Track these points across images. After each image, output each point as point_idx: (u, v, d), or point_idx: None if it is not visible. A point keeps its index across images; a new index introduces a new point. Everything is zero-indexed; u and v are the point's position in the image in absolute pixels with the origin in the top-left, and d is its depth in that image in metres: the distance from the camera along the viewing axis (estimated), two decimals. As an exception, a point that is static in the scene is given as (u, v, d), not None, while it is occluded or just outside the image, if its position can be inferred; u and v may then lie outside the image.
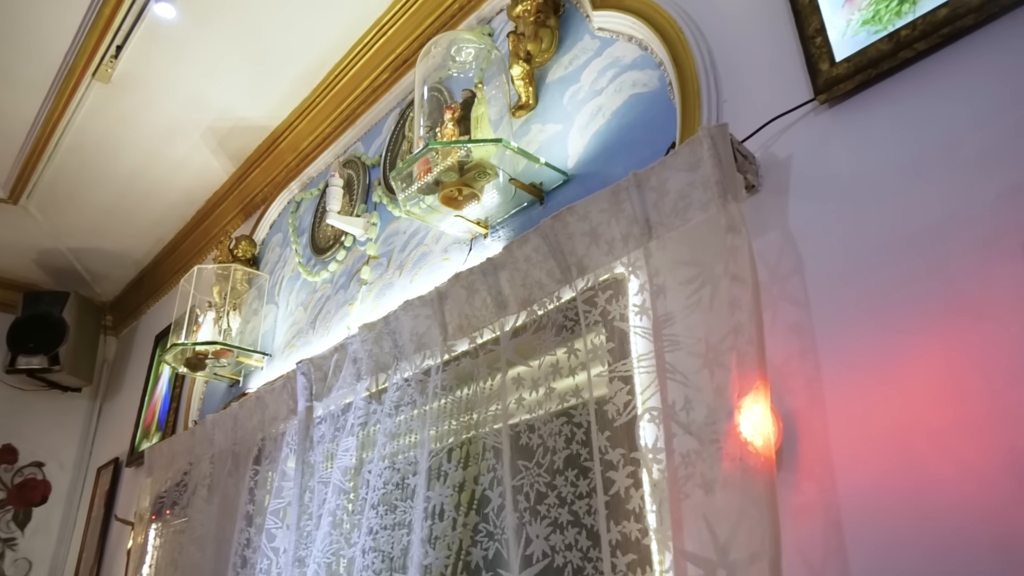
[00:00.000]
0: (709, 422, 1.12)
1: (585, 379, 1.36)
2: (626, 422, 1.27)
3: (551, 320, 1.48)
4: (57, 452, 4.55)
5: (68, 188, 3.57)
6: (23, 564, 4.27)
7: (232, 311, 2.94)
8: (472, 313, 1.65)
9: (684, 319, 1.22)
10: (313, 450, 2.03)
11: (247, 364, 2.86)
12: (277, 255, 3.09)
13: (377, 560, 1.64)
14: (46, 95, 2.93)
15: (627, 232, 1.36)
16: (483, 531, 1.49)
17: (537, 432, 1.44)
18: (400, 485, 1.71)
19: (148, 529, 3.02)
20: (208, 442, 2.68)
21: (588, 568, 1.30)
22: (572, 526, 1.34)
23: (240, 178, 3.38)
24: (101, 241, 4.10)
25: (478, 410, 1.61)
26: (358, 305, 2.37)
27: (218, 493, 2.51)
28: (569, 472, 1.37)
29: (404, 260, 2.23)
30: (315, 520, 1.90)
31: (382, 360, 1.88)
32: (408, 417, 1.76)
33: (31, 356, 4.19)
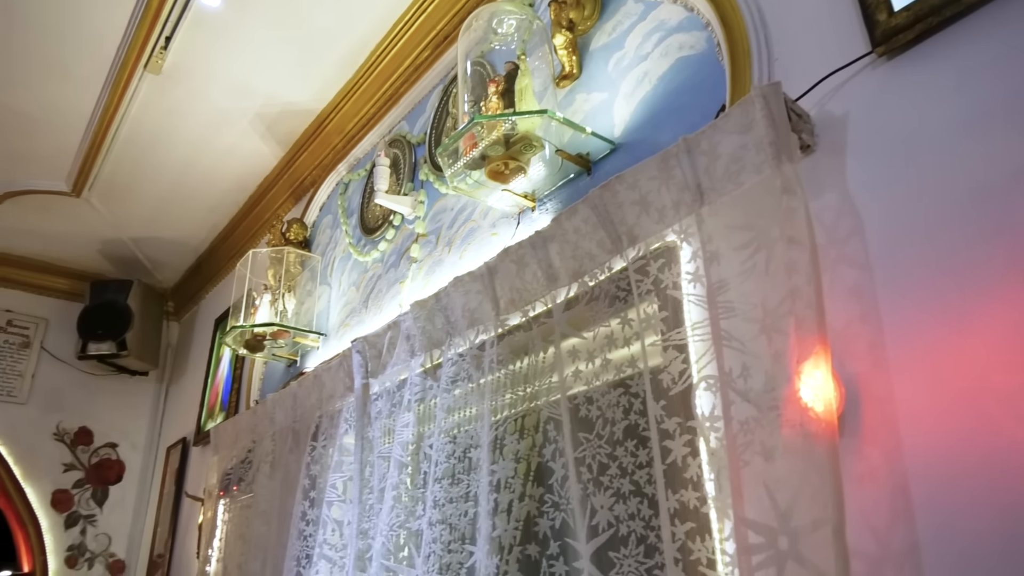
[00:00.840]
0: (768, 389, 1.10)
1: (640, 349, 1.35)
2: (682, 391, 1.26)
3: (603, 291, 1.47)
4: (129, 433, 4.75)
5: (126, 179, 3.68)
6: (103, 539, 4.49)
7: (287, 293, 3.00)
8: (523, 287, 1.65)
9: (739, 285, 1.20)
10: (371, 426, 2.07)
11: (303, 344, 2.92)
12: (328, 236, 3.14)
13: (445, 532, 1.67)
14: (101, 89, 3.02)
15: (678, 199, 1.34)
16: (548, 502, 1.51)
17: (595, 404, 1.44)
18: (462, 458, 1.74)
19: (217, 505, 3.13)
20: (269, 420, 2.76)
21: (651, 537, 1.30)
22: (634, 496, 1.34)
23: (289, 162, 3.43)
24: (160, 230, 4.22)
25: (535, 382, 1.61)
26: (409, 283, 2.40)
27: (280, 469, 2.59)
28: (629, 442, 1.37)
29: (453, 237, 2.24)
30: (377, 494, 1.95)
31: (435, 336, 1.90)
32: (465, 391, 1.78)
33: (100, 342, 4.37)
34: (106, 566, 4.46)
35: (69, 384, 4.61)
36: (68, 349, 4.57)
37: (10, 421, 4.37)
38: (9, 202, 3.89)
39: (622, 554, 1.33)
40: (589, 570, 1.35)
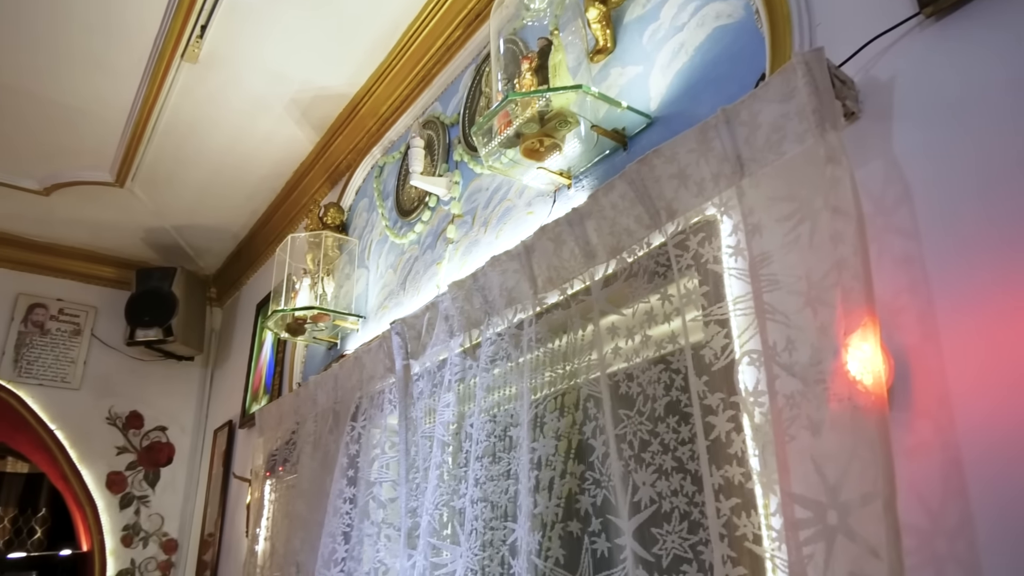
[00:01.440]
0: (814, 362, 1.08)
1: (680, 325, 1.34)
2: (724, 366, 1.25)
3: (642, 267, 1.46)
4: (177, 416, 4.88)
5: (167, 168, 3.75)
6: (156, 519, 4.64)
7: (326, 277, 3.04)
8: (561, 264, 1.64)
9: (782, 257, 1.18)
10: (414, 406, 2.09)
11: (343, 327, 2.96)
12: (364, 220, 3.16)
13: (486, 509, 1.69)
14: (140, 79, 3.07)
15: (717, 171, 1.32)
16: (589, 479, 1.51)
17: (636, 380, 1.43)
18: (502, 437, 1.74)
19: (264, 485, 3.21)
20: (312, 402, 2.81)
21: (695, 513, 1.30)
22: (677, 472, 1.34)
23: (324, 147, 3.46)
24: (200, 217, 4.30)
25: (574, 360, 1.61)
26: (446, 264, 2.41)
27: (320, 449, 2.63)
28: (670, 419, 1.36)
29: (488, 217, 2.24)
30: (422, 473, 1.97)
31: (473, 316, 1.91)
32: (504, 370, 1.78)
33: (147, 329, 4.48)
34: (160, 545, 4.61)
35: (119, 370, 4.75)
36: (117, 336, 4.70)
37: (65, 406, 4.52)
38: (57, 194, 3.99)
39: (665, 530, 1.33)
40: (632, 546, 1.35)
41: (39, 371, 4.50)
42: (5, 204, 4.12)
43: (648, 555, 1.33)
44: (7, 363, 4.42)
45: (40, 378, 4.49)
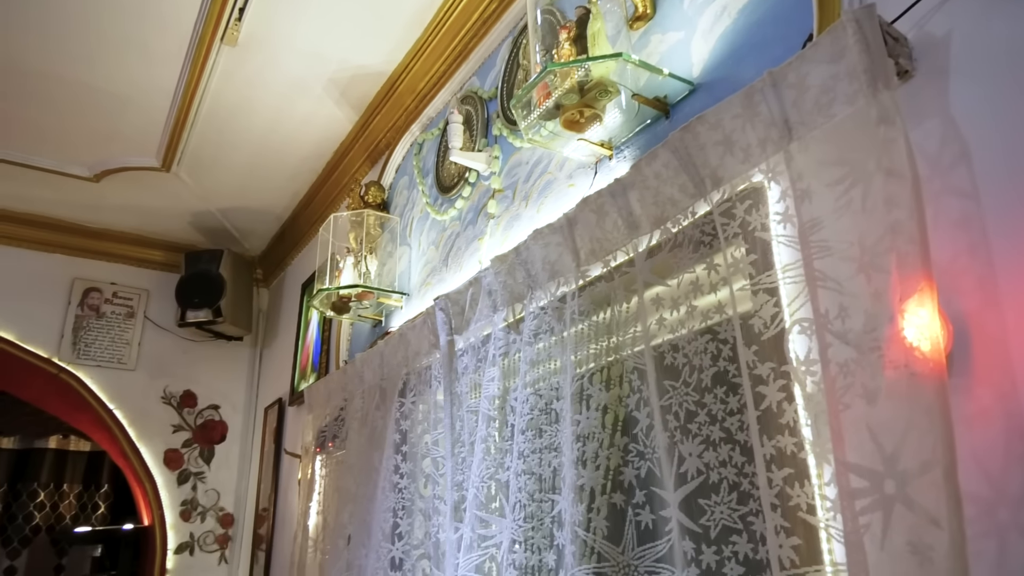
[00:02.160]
0: (868, 329, 1.06)
1: (727, 294, 1.32)
2: (774, 335, 1.23)
3: (687, 236, 1.44)
4: (229, 395, 5.01)
5: (211, 152, 3.81)
6: (213, 494, 4.79)
7: (368, 255, 3.07)
8: (603, 236, 1.63)
9: (834, 223, 1.15)
10: (459, 381, 2.11)
11: (387, 304, 2.99)
12: (405, 198, 3.17)
13: (530, 482, 1.70)
14: (182, 64, 3.11)
15: (764, 136, 1.28)
16: (633, 451, 1.51)
17: (681, 351, 1.42)
18: (545, 410, 1.75)
19: (314, 460, 3.28)
20: (359, 379, 2.86)
21: (744, 484, 1.29)
22: (725, 443, 1.33)
23: (363, 126, 3.47)
24: (244, 199, 4.37)
25: (618, 333, 1.60)
26: (487, 239, 2.41)
27: (367, 425, 2.68)
28: (718, 389, 1.35)
29: (529, 190, 2.23)
30: (468, 447, 1.99)
31: (516, 290, 1.91)
32: (547, 344, 1.78)
33: (197, 310, 4.59)
34: (217, 519, 4.76)
35: (172, 350, 4.89)
36: (169, 317, 4.83)
37: (122, 387, 4.68)
38: (106, 180, 4.09)
39: (713, 501, 1.32)
40: (678, 517, 1.34)
41: (96, 353, 4.65)
42: (58, 192, 4.25)
43: (695, 526, 1.33)
44: (66, 346, 4.58)
45: (98, 360, 4.65)
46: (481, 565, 1.85)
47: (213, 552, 4.71)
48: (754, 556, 1.25)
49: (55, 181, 4.12)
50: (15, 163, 3.93)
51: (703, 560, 1.31)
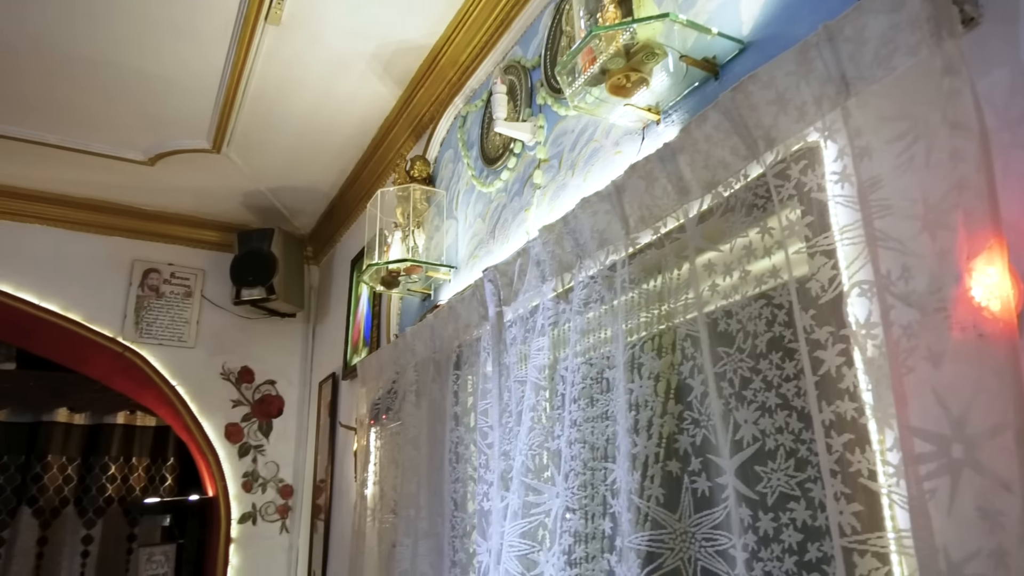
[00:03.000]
0: (933, 290, 1.02)
1: (783, 258, 1.29)
2: (832, 299, 1.20)
3: (739, 200, 1.40)
4: (284, 370, 5.14)
5: (259, 133, 3.87)
6: (272, 466, 4.94)
7: (416, 229, 3.09)
8: (653, 203, 1.60)
9: (895, 180, 1.11)
10: (507, 352, 2.12)
11: (435, 278, 3.01)
12: (450, 171, 3.17)
13: (584, 450, 1.71)
14: (228, 46, 3.15)
15: (820, 93, 1.24)
16: (688, 418, 1.50)
17: (735, 317, 1.40)
18: (597, 379, 1.75)
19: (369, 433, 3.35)
20: (410, 352, 2.89)
21: (801, 450, 1.27)
22: (781, 409, 1.31)
23: (407, 101, 3.48)
24: (293, 178, 4.43)
25: (670, 300, 1.58)
26: (534, 210, 2.40)
27: (425, 398, 2.71)
28: (773, 355, 1.33)
29: (575, 159, 2.21)
30: (515, 417, 2.01)
31: (565, 260, 1.90)
32: (598, 313, 1.77)
33: (251, 288, 4.70)
34: (277, 490, 4.91)
35: (228, 328, 5.03)
36: (224, 296, 4.96)
37: (183, 364, 4.84)
38: (161, 163, 4.20)
39: (769, 468, 1.30)
40: (734, 484, 1.33)
41: (157, 331, 4.81)
42: (116, 176, 4.37)
43: (752, 493, 1.31)
44: (129, 325, 4.74)
45: (159, 338, 4.81)
46: (528, 532, 1.87)
47: (274, 522, 4.87)
48: (812, 523, 1.24)
49: (112, 166, 4.24)
50: (75, 149, 4.05)
51: (760, 527, 1.29)
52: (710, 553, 1.41)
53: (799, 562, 1.24)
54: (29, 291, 4.54)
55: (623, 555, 1.51)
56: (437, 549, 2.48)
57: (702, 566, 1.42)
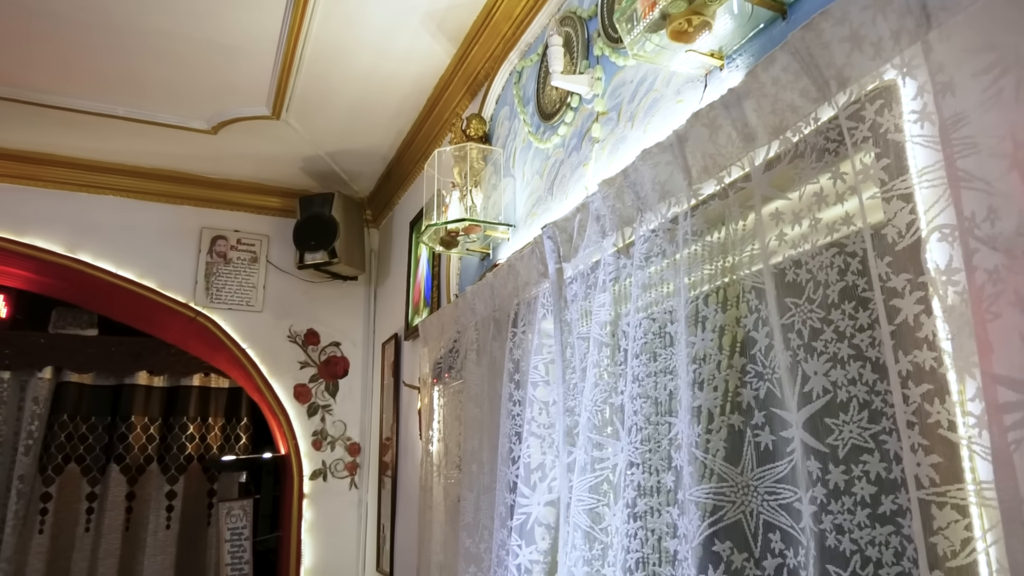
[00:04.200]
0: (1021, 231, 0.96)
1: (856, 204, 1.24)
2: (909, 244, 1.14)
3: (809, 145, 1.35)
4: (348, 332, 5.26)
5: (316, 97, 3.90)
6: (340, 425, 5.09)
7: (473, 188, 3.08)
8: (716, 151, 1.55)
9: (980, 117, 1.04)
10: (568, 309, 2.11)
11: (494, 237, 3.01)
12: (507, 128, 3.15)
13: (646, 405, 1.70)
14: (284, 10, 3.16)
15: (897, 27, 1.17)
16: (751, 372, 1.47)
17: (805, 267, 1.35)
18: (659, 334, 1.73)
19: (432, 391, 3.41)
20: (471, 311, 2.92)
21: (876, 402, 1.23)
22: (854, 360, 1.27)
23: (461, 58, 3.45)
24: (351, 142, 4.47)
25: (734, 252, 1.54)
26: (592, 164, 2.36)
27: (486, 356, 2.74)
28: (846, 305, 1.28)
29: (635, 111, 2.15)
30: (579, 373, 2.01)
31: (625, 214, 1.87)
32: (659, 267, 1.75)
33: (314, 252, 4.80)
34: (345, 448, 5.08)
35: (293, 292, 5.16)
36: (288, 260, 5.08)
37: (252, 328, 5.00)
38: (223, 131, 4.29)
39: (841, 420, 1.27)
40: (801, 437, 1.30)
41: (227, 296, 4.97)
42: (182, 146, 4.49)
43: (822, 445, 1.29)
44: (200, 291, 4.92)
45: (228, 303, 4.97)
46: (595, 486, 1.88)
47: (344, 478, 5.04)
48: (887, 475, 1.21)
49: (178, 136, 4.36)
50: (143, 121, 4.18)
51: (830, 480, 1.27)
52: (773, 507, 1.40)
53: (872, 515, 1.21)
54: (107, 260, 4.74)
55: (684, 508, 1.51)
56: (497, 503, 2.52)
57: (764, 519, 1.41)
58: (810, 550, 1.26)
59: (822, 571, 1.23)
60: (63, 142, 4.49)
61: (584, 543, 1.84)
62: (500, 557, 2.41)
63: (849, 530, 1.23)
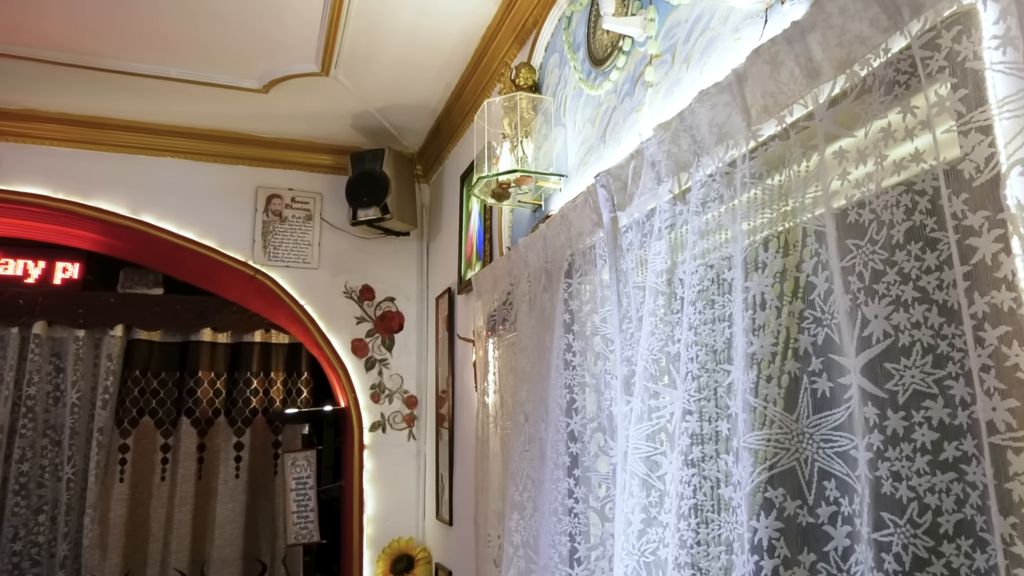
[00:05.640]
0: (1113, 161, 0.90)
1: (928, 140, 1.17)
2: (988, 180, 1.08)
3: (878, 78, 1.28)
4: (402, 287, 5.33)
5: (364, 51, 3.88)
6: (396, 378, 5.20)
7: (524, 139, 3.04)
8: (778, 90, 1.49)
9: (1070, 39, 0.97)
10: (624, 258, 2.08)
11: (546, 187, 2.98)
12: (556, 76, 3.08)
13: (702, 353, 1.68)
14: (330, -37, 3.14)
15: (978, -54, 1.09)
16: (809, 318, 1.43)
17: (868, 207, 1.30)
18: (716, 281, 1.69)
19: (486, 344, 3.44)
20: (523, 263, 2.91)
21: (942, 346, 1.18)
22: (919, 303, 1.22)
23: (508, 6, 3.37)
24: (399, 96, 4.45)
25: (794, 195, 1.49)
26: (646, 109, 2.30)
27: (536, 307, 2.74)
28: (912, 245, 1.23)
29: (690, 51, 2.08)
30: (636, 322, 1.99)
31: (681, 159, 1.82)
32: (717, 213, 1.70)
33: (366, 209, 4.84)
34: (402, 400, 5.19)
35: (347, 248, 5.24)
36: (341, 217, 5.15)
37: (309, 284, 5.10)
38: (274, 90, 4.32)
39: (903, 365, 1.23)
40: (859, 382, 1.27)
41: (283, 254, 5.07)
42: (235, 106, 4.55)
43: (880, 391, 1.25)
44: (258, 249, 5.03)
45: (285, 260, 5.07)
46: (653, 434, 1.87)
47: (402, 430, 5.16)
48: (951, 421, 1.17)
49: (231, 96, 4.41)
50: (196, 82, 4.24)
51: (888, 426, 1.23)
52: (828, 454, 1.37)
53: (933, 461, 1.18)
54: (168, 221, 4.88)
55: (739, 455, 1.50)
56: (540, 453, 2.55)
57: (819, 467, 1.38)
58: (864, 497, 1.24)
59: (877, 519, 1.21)
60: (123, 106, 4.59)
61: (641, 490, 1.85)
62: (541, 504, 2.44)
63: (907, 477, 1.20)
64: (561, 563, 2.34)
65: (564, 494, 2.36)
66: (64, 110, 4.64)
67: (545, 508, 2.45)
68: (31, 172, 4.69)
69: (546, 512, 2.44)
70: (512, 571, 2.62)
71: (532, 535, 2.55)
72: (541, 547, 2.47)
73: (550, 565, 2.39)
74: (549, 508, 2.42)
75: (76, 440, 5.97)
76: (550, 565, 2.39)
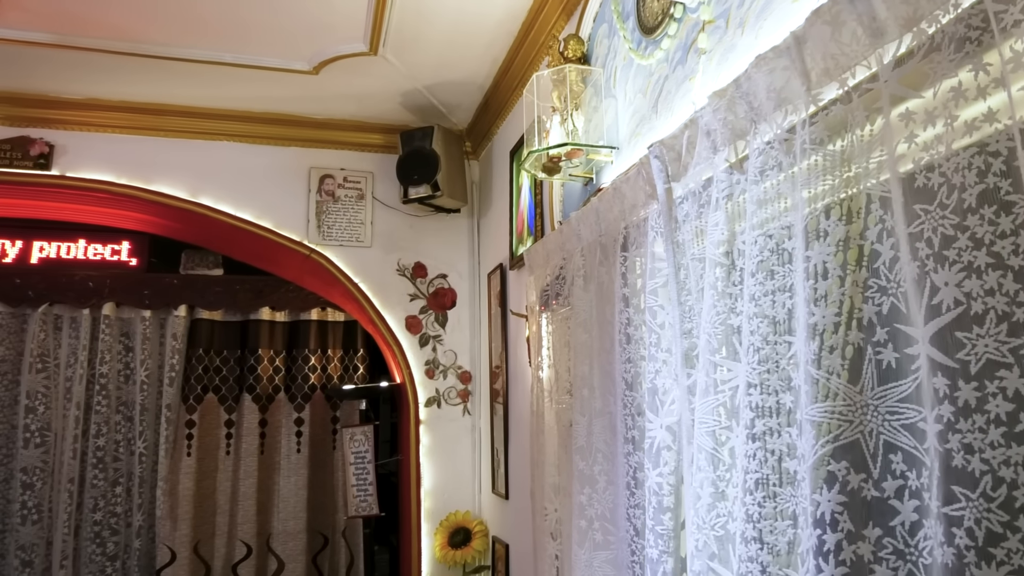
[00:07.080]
0: None
1: (1003, 98, 1.12)
2: (1068, 137, 1.04)
3: (947, 35, 1.23)
4: (454, 264, 5.38)
5: (411, 29, 3.89)
6: (450, 354, 5.27)
7: (574, 112, 3.02)
8: (839, 51, 1.44)
9: None
10: (680, 229, 2.06)
11: (597, 160, 2.95)
12: (606, 47, 3.04)
13: (763, 325, 1.65)
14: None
15: None
16: (874, 287, 1.39)
17: (938, 171, 1.25)
18: (776, 251, 1.66)
19: (540, 319, 3.45)
20: (576, 237, 2.90)
21: (1017, 313, 1.14)
22: (993, 269, 1.17)
23: (556, -24, 3.34)
24: (447, 73, 4.46)
25: (857, 161, 1.45)
26: (699, 77, 2.25)
27: (593, 281, 2.73)
28: (985, 209, 1.18)
29: (745, 16, 2.03)
30: (696, 294, 1.97)
31: (738, 127, 1.78)
32: (776, 182, 1.67)
33: (417, 186, 4.88)
34: (457, 376, 5.25)
35: (399, 226, 5.30)
36: (393, 196, 5.20)
37: (363, 263, 5.19)
38: (324, 71, 4.37)
39: (975, 334, 1.19)
40: (928, 352, 1.23)
41: (337, 234, 5.17)
42: (286, 88, 4.62)
43: (951, 361, 1.21)
44: (312, 229, 5.13)
45: (339, 239, 5.17)
46: (717, 408, 1.86)
47: (457, 405, 5.24)
48: (1029, 391, 1.13)
49: (282, 78, 4.48)
50: (248, 66, 4.31)
51: (959, 397, 1.20)
52: (894, 427, 1.34)
53: (1008, 433, 1.14)
54: (226, 203, 5.01)
55: (802, 428, 1.48)
56: (610, 427, 2.55)
57: (884, 440, 1.35)
58: (934, 471, 1.21)
59: (947, 493, 1.18)
60: (180, 92, 4.71)
61: (708, 465, 1.85)
62: (616, 477, 2.46)
63: (980, 449, 1.16)
64: (637, 536, 2.35)
65: (635, 467, 2.37)
66: (124, 98, 4.79)
67: (619, 481, 2.46)
68: (95, 159, 4.86)
69: (620, 485, 2.45)
70: (588, 544, 2.63)
71: (608, 508, 2.56)
72: (618, 519, 2.49)
73: (626, 538, 2.41)
74: (622, 481, 2.43)
75: (146, 416, 6.23)
76: (626, 538, 2.41)
